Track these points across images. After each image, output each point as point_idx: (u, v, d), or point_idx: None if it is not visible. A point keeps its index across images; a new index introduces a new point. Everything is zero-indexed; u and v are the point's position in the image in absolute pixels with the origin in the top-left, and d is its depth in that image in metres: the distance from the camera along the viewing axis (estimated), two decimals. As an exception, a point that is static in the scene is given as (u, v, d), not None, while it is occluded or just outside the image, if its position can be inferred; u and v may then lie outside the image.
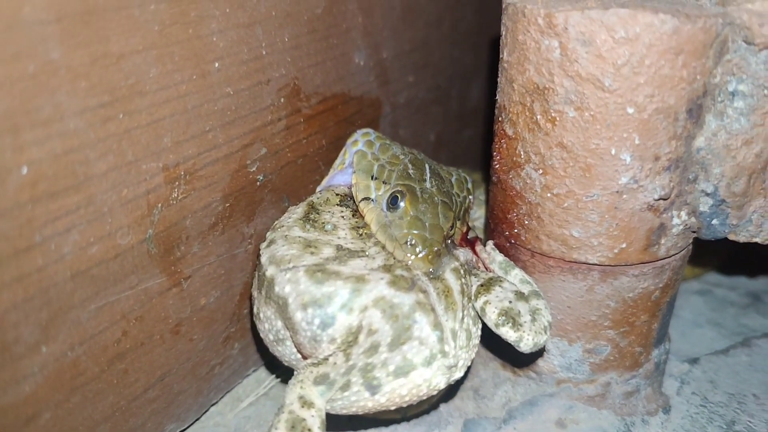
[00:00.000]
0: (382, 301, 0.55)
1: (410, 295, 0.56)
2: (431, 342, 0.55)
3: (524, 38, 0.61)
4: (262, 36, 0.65)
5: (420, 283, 0.58)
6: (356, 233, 0.64)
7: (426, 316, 0.55)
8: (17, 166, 0.46)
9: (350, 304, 0.56)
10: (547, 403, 0.72)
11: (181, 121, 0.59)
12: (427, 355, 0.55)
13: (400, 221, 0.62)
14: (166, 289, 0.62)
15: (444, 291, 0.58)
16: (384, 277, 0.57)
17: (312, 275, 0.57)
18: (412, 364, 0.55)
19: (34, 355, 0.51)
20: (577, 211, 0.63)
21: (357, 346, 0.55)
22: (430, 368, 0.55)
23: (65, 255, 0.51)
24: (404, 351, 0.55)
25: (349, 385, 0.55)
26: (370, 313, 0.55)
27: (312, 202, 0.67)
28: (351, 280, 0.56)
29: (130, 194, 0.56)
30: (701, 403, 0.77)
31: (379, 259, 0.60)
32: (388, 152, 0.71)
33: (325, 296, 0.56)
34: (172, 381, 0.66)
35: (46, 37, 0.47)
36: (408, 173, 0.67)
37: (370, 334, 0.55)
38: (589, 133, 0.59)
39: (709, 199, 0.64)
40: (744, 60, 0.59)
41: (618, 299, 0.67)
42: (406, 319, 0.55)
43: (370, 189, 0.66)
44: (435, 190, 0.67)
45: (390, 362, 0.55)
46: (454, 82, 1.09)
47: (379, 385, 0.55)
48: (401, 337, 0.55)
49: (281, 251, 0.60)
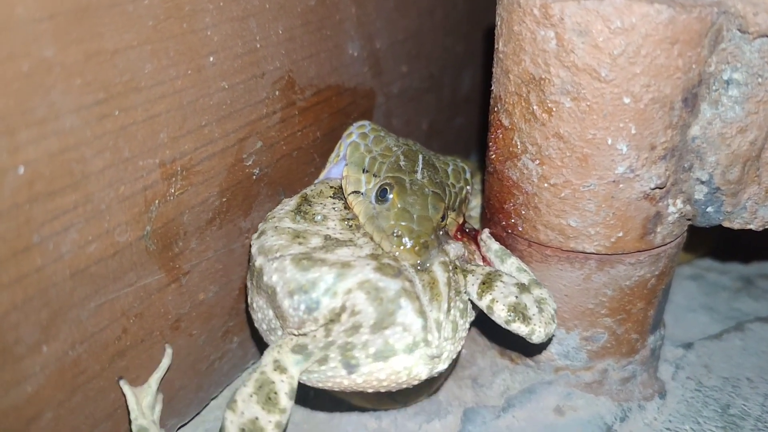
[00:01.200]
0: (366, 284, 0.55)
1: (396, 281, 0.55)
2: (415, 329, 0.54)
3: (520, 29, 0.61)
4: (256, 29, 0.65)
5: (406, 273, 0.57)
6: (346, 224, 0.64)
7: (411, 302, 0.55)
8: (14, 166, 0.46)
9: (334, 288, 0.55)
10: (545, 390, 0.73)
11: (177, 116, 0.58)
12: (410, 342, 0.54)
13: (387, 213, 0.62)
14: (164, 285, 0.62)
15: (429, 282, 0.58)
16: (370, 264, 0.57)
17: (298, 263, 0.57)
18: (393, 349, 0.54)
19: (35, 355, 0.51)
20: (574, 200, 0.63)
21: (339, 324, 0.55)
22: (412, 356, 0.55)
23: (64, 254, 0.51)
24: (386, 335, 0.54)
25: (326, 359, 0.55)
26: (354, 294, 0.55)
27: (305, 194, 0.67)
28: (336, 265, 0.56)
29: (128, 191, 0.55)
30: (696, 388, 0.78)
31: (367, 248, 0.60)
32: (381, 144, 0.71)
33: (310, 282, 0.55)
34: (173, 376, 0.66)
35: (40, 35, 0.46)
36: (399, 165, 0.67)
37: (353, 315, 0.55)
38: (586, 123, 0.60)
39: (704, 187, 0.64)
40: (738, 49, 0.59)
41: (615, 287, 0.68)
42: (391, 303, 0.54)
43: (361, 182, 0.66)
44: (426, 181, 0.66)
45: (371, 344, 0.55)
46: (447, 71, 1.08)
47: (357, 365, 0.55)
48: (384, 320, 0.54)
49: (270, 242, 0.60)
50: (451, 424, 0.72)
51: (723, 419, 0.73)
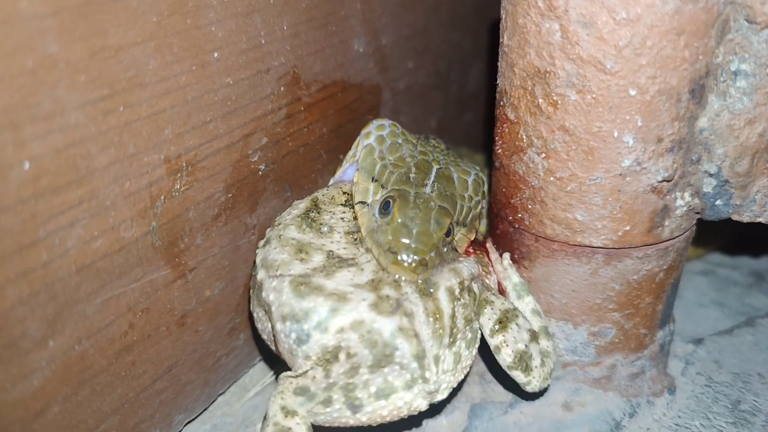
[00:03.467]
0: (360, 325, 0.55)
1: (392, 320, 0.55)
2: (412, 368, 0.55)
3: (524, 21, 0.61)
4: (261, 25, 0.65)
5: (407, 304, 0.56)
6: (351, 238, 0.63)
7: (408, 342, 0.55)
8: (19, 161, 0.46)
9: (326, 324, 0.55)
10: (553, 386, 0.73)
11: (181, 112, 0.58)
12: (408, 379, 0.56)
13: (386, 227, 0.60)
14: (171, 281, 0.62)
15: (434, 313, 0.57)
16: (367, 298, 0.56)
17: (295, 288, 0.56)
18: (393, 387, 0.56)
19: (42, 350, 0.51)
20: (580, 194, 0.63)
21: (337, 364, 0.55)
22: (411, 392, 0.56)
23: (69, 249, 0.51)
24: (385, 374, 0.56)
25: (330, 401, 0.56)
26: (348, 335, 0.55)
27: (317, 198, 0.67)
28: (332, 298, 0.55)
29: (133, 187, 0.56)
30: (706, 383, 0.78)
31: (368, 270, 0.59)
32: (396, 153, 0.68)
33: (303, 312, 0.55)
34: (180, 372, 0.66)
35: (44, 31, 0.46)
36: (408, 177, 0.65)
37: (350, 357, 0.55)
38: (592, 115, 0.59)
39: (712, 179, 0.64)
40: (746, 39, 0.58)
41: (622, 282, 0.67)
42: (386, 346, 0.55)
43: (368, 192, 0.65)
44: (435, 194, 0.64)
45: (371, 384, 0.56)
46: (454, 67, 1.08)
47: (360, 405, 0.56)
48: (382, 361, 0.55)
49: (273, 254, 0.60)
50: (458, 419, 0.71)
51: (733, 415, 0.73)
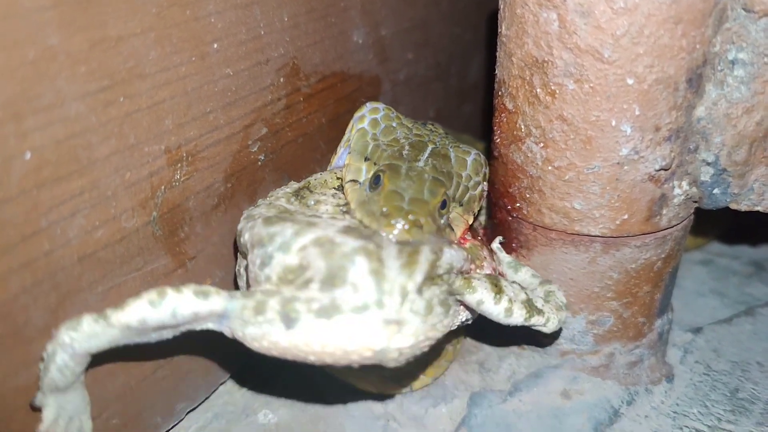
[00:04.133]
0: (322, 239, 0.51)
1: (358, 241, 0.51)
2: (366, 288, 0.49)
3: (522, 11, 0.61)
4: (260, 16, 0.65)
5: (378, 239, 0.53)
6: (339, 210, 0.61)
7: (368, 261, 0.49)
8: (21, 152, 0.47)
9: (289, 243, 0.52)
10: (551, 374, 0.73)
11: (181, 103, 0.59)
12: (359, 303, 0.49)
13: (377, 197, 0.58)
14: (171, 270, 0.63)
15: (410, 252, 0.52)
16: (336, 225, 0.54)
17: (267, 219, 0.55)
18: (339, 307, 0.49)
19: (45, 338, 0.52)
20: (578, 183, 0.63)
21: (292, 284, 0.51)
22: (360, 316, 0.48)
23: (71, 239, 0.52)
24: (335, 295, 0.49)
25: (264, 308, 0.50)
26: (309, 251, 0.51)
27: (309, 181, 0.66)
28: (301, 223, 0.53)
29: (134, 177, 0.56)
30: (705, 372, 0.78)
31: (348, 221, 0.57)
32: (390, 136, 0.67)
33: (269, 235, 0.53)
34: (180, 361, 0.67)
35: (45, 23, 0.47)
36: (401, 153, 0.64)
37: (304, 269, 0.51)
38: (589, 105, 0.59)
39: (710, 168, 0.64)
40: (743, 28, 0.59)
41: (620, 270, 0.67)
42: (343, 258, 0.49)
43: (361, 171, 0.63)
44: (429, 168, 0.62)
45: (315, 300, 0.49)
46: (454, 59, 1.08)
47: (296, 319, 0.49)
48: (335, 277, 0.49)
49: (257, 211, 0.59)
50: (458, 407, 0.72)
51: (731, 403, 0.73)
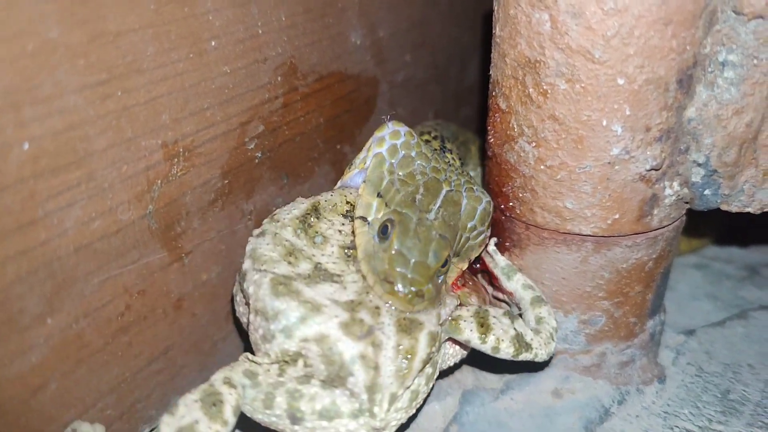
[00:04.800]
0: (323, 340, 0.54)
1: (356, 345, 0.54)
2: (361, 399, 0.54)
3: (515, 12, 0.62)
4: (258, 15, 0.66)
5: (378, 334, 0.55)
6: (343, 253, 0.61)
7: (365, 372, 0.54)
8: (19, 141, 0.48)
9: (292, 330, 0.54)
10: (543, 373, 0.74)
11: (179, 98, 0.60)
12: (356, 408, 0.54)
13: (383, 254, 0.58)
14: (167, 264, 0.63)
15: (406, 352, 0.55)
16: (340, 316, 0.55)
17: (273, 286, 0.56)
18: (339, 411, 0.54)
19: (40, 327, 0.52)
20: (570, 182, 0.64)
21: (293, 369, 0.55)
22: (356, 422, 0.55)
23: (68, 229, 0.53)
24: (335, 395, 0.54)
25: (272, 403, 0.54)
26: (309, 346, 0.54)
27: (318, 202, 0.65)
28: (306, 305, 0.55)
29: (130, 170, 0.57)
30: (696, 373, 0.79)
31: (351, 291, 0.58)
32: (407, 168, 0.64)
33: (274, 312, 0.55)
34: (176, 354, 0.67)
35: (45, 16, 0.48)
36: (414, 198, 0.62)
37: (307, 366, 0.55)
38: (581, 104, 0.60)
39: (700, 169, 0.65)
40: (733, 30, 0.59)
41: (612, 270, 0.68)
42: (342, 368, 0.54)
43: (371, 208, 0.62)
44: (438, 222, 0.61)
45: (318, 400, 0.54)
46: (452, 61, 1.09)
47: (302, 419, 0.54)
48: (335, 381, 0.54)
49: (263, 248, 0.59)
50: (450, 405, 0.73)
51: (722, 404, 0.73)
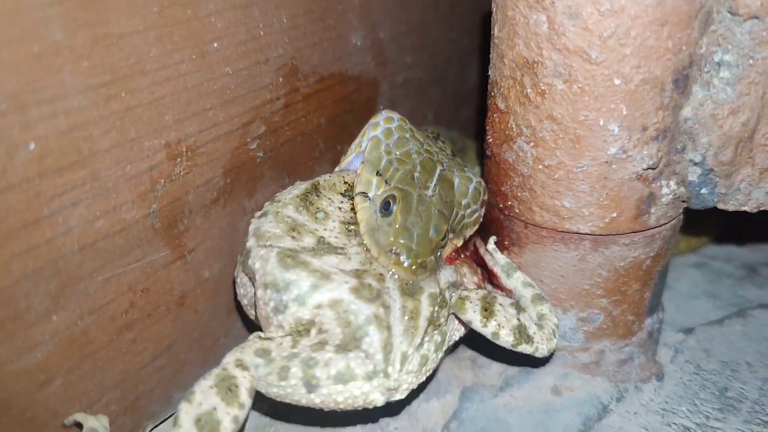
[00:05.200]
0: (338, 304, 0.56)
1: (369, 306, 0.56)
2: (377, 359, 0.55)
3: (513, 13, 0.62)
4: (259, 17, 0.67)
5: (386, 297, 0.57)
6: (344, 228, 0.63)
7: (379, 332, 0.56)
8: (25, 142, 0.49)
9: (305, 298, 0.56)
10: (542, 371, 0.74)
11: (181, 99, 0.61)
12: (370, 370, 0.55)
13: (388, 228, 0.61)
14: (170, 261, 0.64)
15: (411, 311, 0.58)
16: (349, 282, 0.57)
17: (281, 259, 0.57)
18: (354, 374, 0.55)
19: (45, 323, 0.53)
20: (567, 181, 0.65)
21: (307, 338, 0.56)
22: (370, 383, 0.56)
23: (72, 228, 0.54)
24: (349, 358, 0.55)
25: (287, 374, 0.55)
26: (324, 312, 0.56)
27: (318, 182, 0.67)
28: (315, 274, 0.56)
29: (134, 170, 0.58)
30: (695, 371, 0.79)
31: (355, 261, 0.60)
32: (402, 148, 0.67)
33: (285, 283, 0.56)
34: (179, 350, 0.68)
35: (50, 18, 0.49)
36: (413, 176, 0.64)
37: (321, 332, 0.56)
38: (578, 104, 0.61)
39: (697, 168, 0.65)
40: (729, 30, 0.60)
41: (610, 268, 0.69)
42: (359, 329, 0.55)
43: (371, 185, 0.64)
44: (436, 199, 0.64)
45: (333, 365, 0.55)
46: (452, 63, 1.10)
47: (317, 386, 0.55)
48: (350, 344, 0.55)
49: (267, 226, 0.61)
50: (450, 402, 0.73)
51: (720, 401, 0.74)
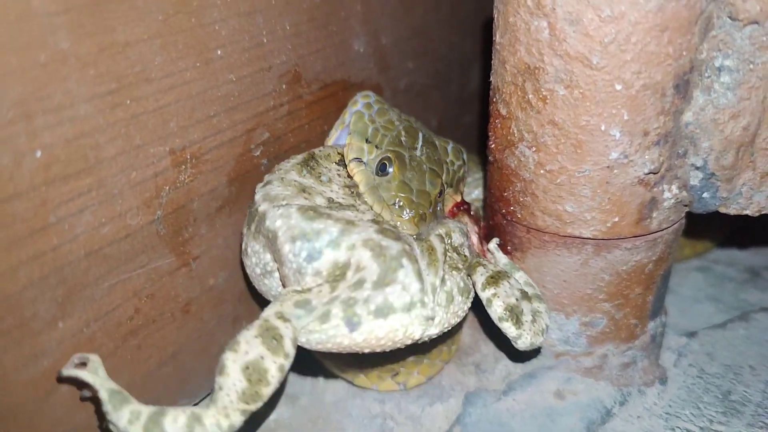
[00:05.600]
0: (371, 242, 0.58)
1: (398, 243, 0.59)
2: (413, 289, 0.57)
3: (515, 20, 0.63)
4: (263, 24, 0.68)
5: (405, 237, 0.61)
6: (348, 191, 0.67)
7: (411, 264, 0.58)
8: (31, 150, 0.49)
9: (338, 241, 0.58)
10: (545, 375, 0.75)
11: (186, 106, 0.61)
12: (408, 301, 0.57)
13: (388, 184, 0.66)
14: (175, 268, 0.65)
15: (428, 249, 0.61)
16: (373, 226, 0.60)
17: (304, 212, 0.59)
18: (393, 307, 0.56)
19: (52, 331, 0.54)
20: (569, 186, 0.65)
21: (344, 281, 0.57)
22: (409, 315, 0.57)
23: (78, 235, 0.54)
24: (387, 293, 0.56)
25: (328, 316, 0.56)
26: (359, 251, 0.57)
27: (314, 152, 0.71)
28: (341, 221, 0.59)
29: (139, 177, 0.58)
30: (698, 375, 0.79)
31: (369, 215, 0.64)
32: (384, 117, 0.74)
33: (314, 231, 0.58)
34: (184, 358, 0.69)
35: (56, 27, 0.49)
36: (400, 140, 0.70)
37: (358, 271, 0.57)
38: (579, 110, 0.61)
39: (698, 172, 0.66)
40: (729, 36, 0.60)
41: (612, 272, 0.69)
42: (394, 260, 0.57)
43: (363, 151, 0.69)
44: (425, 158, 0.70)
45: (372, 301, 0.56)
46: (454, 68, 1.10)
47: (359, 323, 0.56)
48: (387, 277, 0.57)
49: (276, 190, 0.63)
50: (453, 406, 0.73)
51: (723, 405, 0.74)
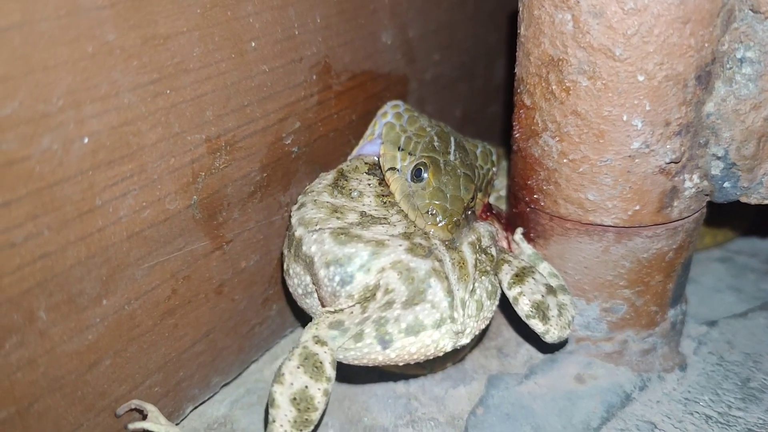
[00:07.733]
0: (399, 264, 0.60)
1: (426, 262, 0.61)
2: (442, 307, 0.60)
3: (539, 12, 0.65)
4: (295, 17, 0.70)
5: (437, 252, 0.63)
6: (380, 201, 0.69)
7: (440, 282, 0.60)
8: (80, 136, 0.52)
9: (368, 265, 0.61)
10: (566, 359, 0.76)
11: (221, 96, 0.64)
12: (438, 318, 0.60)
13: (422, 192, 0.66)
14: (209, 251, 0.68)
15: (459, 262, 0.63)
16: (402, 244, 0.62)
17: (336, 237, 0.62)
18: (423, 324, 0.59)
19: (96, 307, 0.57)
20: (592, 175, 0.67)
21: (374, 301, 0.60)
22: (439, 331, 0.60)
23: (122, 217, 0.57)
24: (417, 311, 0.59)
25: (362, 336, 0.59)
26: (388, 274, 0.60)
27: (342, 169, 0.72)
28: (371, 243, 0.61)
29: (177, 163, 0.61)
30: (717, 362, 0.80)
31: (400, 226, 0.65)
32: (415, 125, 0.75)
33: (346, 256, 0.61)
34: (217, 337, 0.72)
35: (103, 21, 0.52)
36: (433, 146, 0.71)
37: (387, 293, 0.60)
38: (602, 100, 0.63)
39: (720, 162, 0.67)
40: (751, 28, 0.61)
41: (633, 260, 0.71)
42: (421, 282, 0.60)
43: (396, 159, 0.70)
44: (458, 162, 0.70)
45: (402, 319, 0.59)
46: (479, 60, 1.12)
47: (390, 341, 0.59)
48: (415, 298, 0.59)
49: (310, 214, 0.65)
50: (476, 389, 0.76)
51: (742, 391, 0.75)
